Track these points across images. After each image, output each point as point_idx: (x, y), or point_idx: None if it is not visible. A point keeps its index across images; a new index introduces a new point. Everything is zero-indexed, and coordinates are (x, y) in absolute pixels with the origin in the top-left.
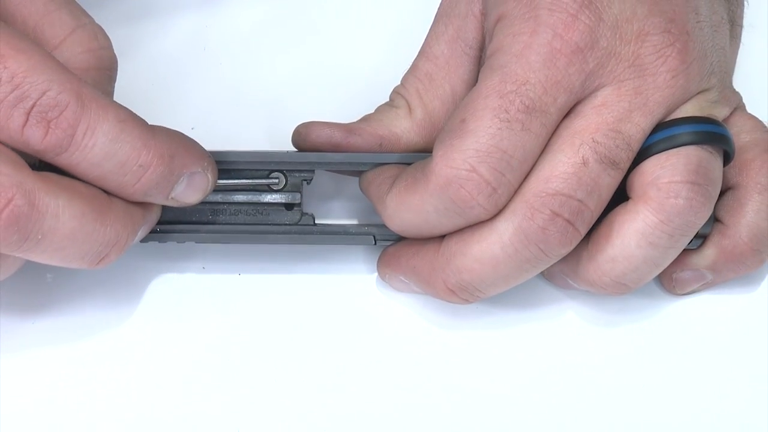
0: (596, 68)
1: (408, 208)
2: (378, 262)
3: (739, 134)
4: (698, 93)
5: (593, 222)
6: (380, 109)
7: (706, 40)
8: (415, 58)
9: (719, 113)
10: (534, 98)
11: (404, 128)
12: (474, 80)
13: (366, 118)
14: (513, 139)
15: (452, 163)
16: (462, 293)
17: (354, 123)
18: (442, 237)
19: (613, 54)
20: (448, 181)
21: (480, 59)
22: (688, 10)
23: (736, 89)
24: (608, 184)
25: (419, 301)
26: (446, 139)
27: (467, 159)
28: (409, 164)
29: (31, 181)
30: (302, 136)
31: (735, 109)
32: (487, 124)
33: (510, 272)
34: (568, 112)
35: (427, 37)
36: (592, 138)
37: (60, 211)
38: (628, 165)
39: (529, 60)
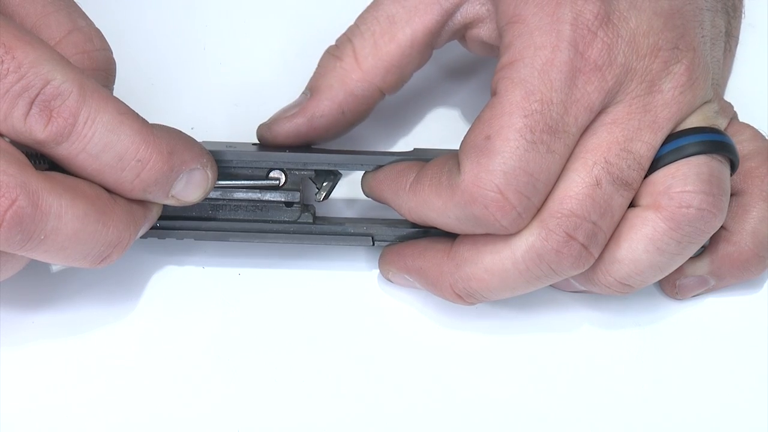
0: (615, 85)
1: (431, 208)
2: (380, 259)
3: (740, 143)
4: (702, 105)
5: (605, 244)
6: (326, 68)
7: (707, 53)
8: None
9: (721, 124)
10: (557, 119)
11: (356, 82)
12: (438, 31)
13: (316, 88)
14: (539, 162)
15: (480, 182)
16: (468, 298)
17: (309, 101)
18: (451, 239)
19: (630, 70)
20: (473, 199)
21: (451, 14)
22: (695, 24)
23: (737, 89)
24: (620, 204)
25: (420, 299)
26: (472, 155)
27: (494, 180)
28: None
29: (35, 181)
30: (268, 140)
31: (731, 119)
32: (514, 145)
33: (518, 285)
34: None
35: None
36: (604, 158)
37: (63, 212)
38: (639, 184)
39: (551, 77)
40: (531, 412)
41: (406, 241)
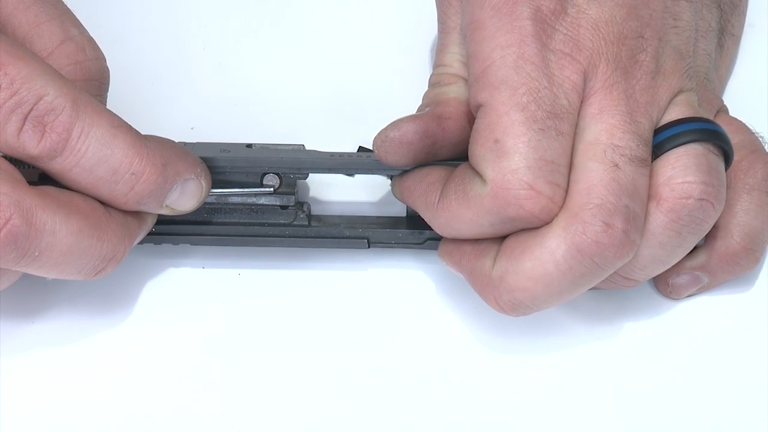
0: (589, 66)
1: (461, 221)
2: (442, 244)
3: None
4: (680, 93)
5: (643, 228)
6: (436, 94)
7: (683, 43)
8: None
9: (703, 114)
10: (552, 103)
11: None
12: None
13: (437, 103)
14: (554, 146)
15: (508, 185)
16: (513, 311)
17: (436, 106)
18: (500, 240)
19: (600, 53)
20: (506, 203)
21: None
22: (665, 15)
23: (737, 88)
24: (644, 184)
25: (418, 299)
26: (489, 162)
27: (522, 178)
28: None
29: (29, 198)
30: (394, 139)
31: (717, 113)
32: (525, 138)
33: (563, 288)
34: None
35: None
36: (611, 143)
37: (57, 228)
38: (651, 161)
39: (527, 71)
40: (528, 412)
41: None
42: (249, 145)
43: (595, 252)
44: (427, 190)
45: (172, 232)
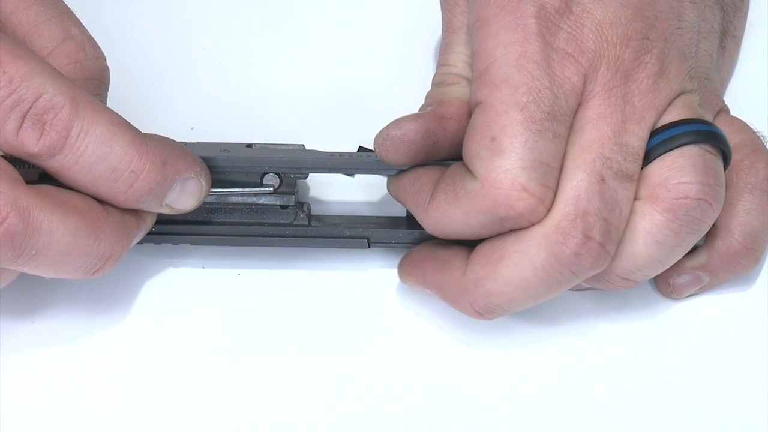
0: (590, 69)
1: (451, 220)
2: (400, 267)
3: (728, 136)
4: (681, 94)
5: (618, 240)
6: (439, 93)
7: (686, 44)
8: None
9: (704, 115)
10: (551, 104)
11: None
12: None
13: (439, 103)
14: (550, 148)
15: (500, 184)
16: (488, 314)
17: (438, 106)
18: (468, 251)
19: (602, 56)
20: (497, 202)
21: None
22: (670, 16)
23: (738, 88)
24: (626, 198)
25: (418, 299)
26: (484, 159)
27: (516, 178)
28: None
29: (26, 197)
30: (395, 138)
31: (719, 113)
32: (523, 138)
33: (539, 293)
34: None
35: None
36: (601, 154)
37: (54, 227)
38: (638, 175)
39: (529, 69)
40: (527, 412)
41: (426, 248)
42: (249, 145)
43: (572, 262)
44: (419, 190)
45: (172, 232)
